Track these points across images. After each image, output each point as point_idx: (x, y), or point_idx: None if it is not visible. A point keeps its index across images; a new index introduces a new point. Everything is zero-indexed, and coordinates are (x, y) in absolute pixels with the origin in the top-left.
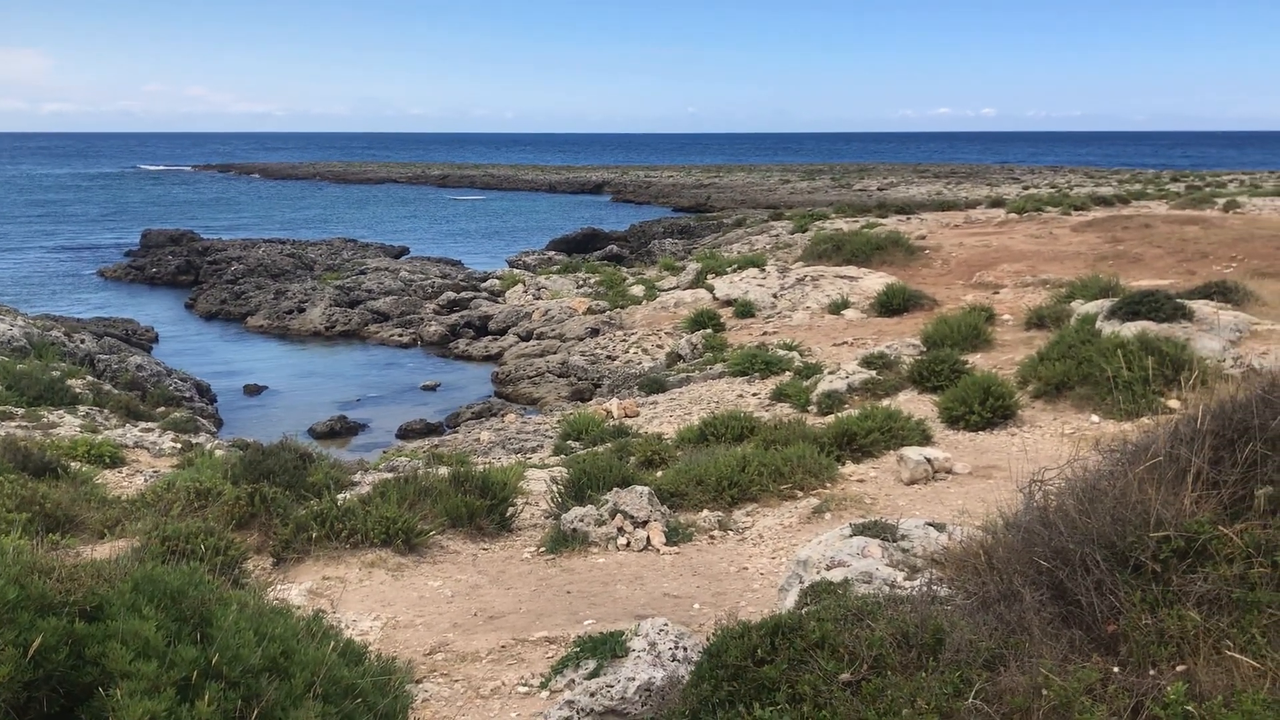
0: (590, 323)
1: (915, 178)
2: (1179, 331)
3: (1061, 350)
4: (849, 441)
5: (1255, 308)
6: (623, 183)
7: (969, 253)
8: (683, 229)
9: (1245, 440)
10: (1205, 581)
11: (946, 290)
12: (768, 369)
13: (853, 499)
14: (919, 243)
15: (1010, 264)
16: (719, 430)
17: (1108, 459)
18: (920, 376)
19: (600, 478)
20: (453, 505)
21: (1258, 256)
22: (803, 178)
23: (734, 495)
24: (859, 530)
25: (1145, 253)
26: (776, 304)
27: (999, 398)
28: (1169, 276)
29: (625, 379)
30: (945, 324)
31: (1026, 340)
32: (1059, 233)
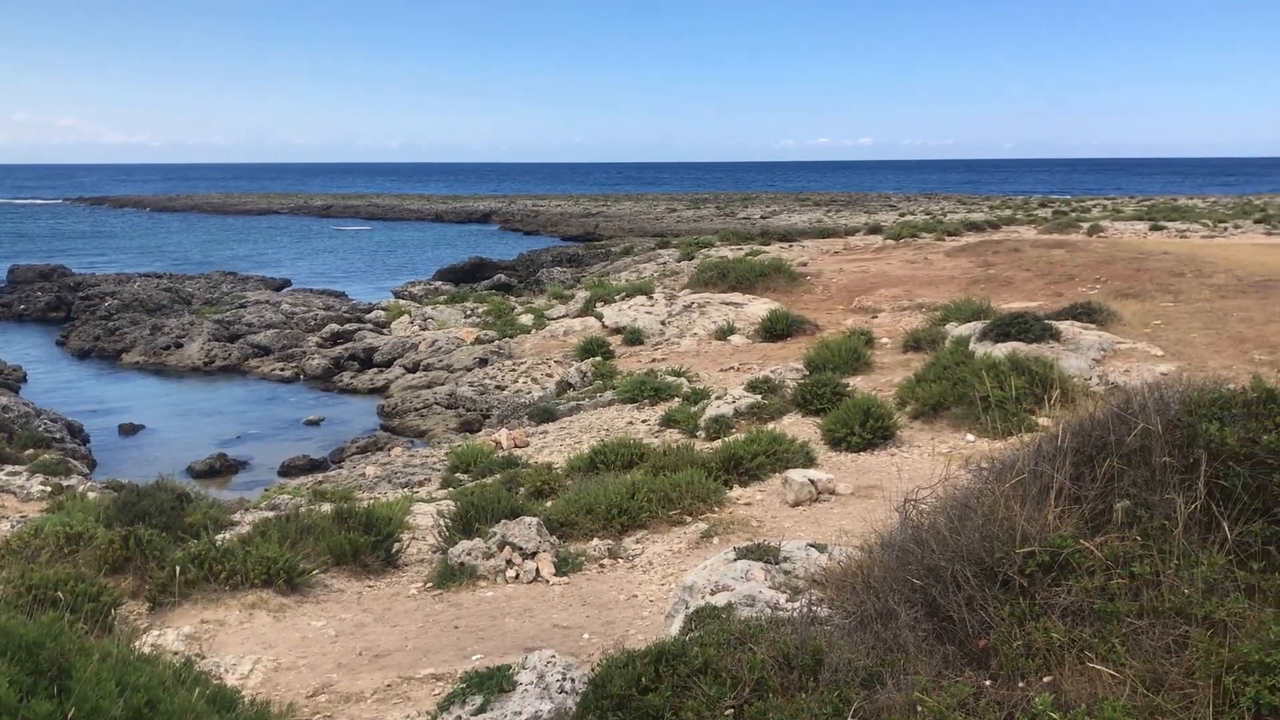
0: (479, 353)
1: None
2: (1047, 351)
3: (937, 371)
4: (736, 465)
5: (1118, 327)
6: (510, 212)
7: (849, 278)
8: (571, 257)
9: (1104, 456)
10: (1069, 594)
11: (828, 315)
12: (657, 395)
13: (740, 522)
14: (801, 269)
15: (888, 289)
16: (609, 458)
17: (977, 477)
18: (804, 400)
19: (488, 510)
20: (336, 543)
21: (1119, 278)
22: (689, 206)
23: (624, 523)
24: (743, 554)
25: (1015, 276)
26: (665, 331)
27: (879, 419)
28: (1038, 298)
29: (515, 409)
30: (827, 348)
31: (904, 362)
32: (934, 258)
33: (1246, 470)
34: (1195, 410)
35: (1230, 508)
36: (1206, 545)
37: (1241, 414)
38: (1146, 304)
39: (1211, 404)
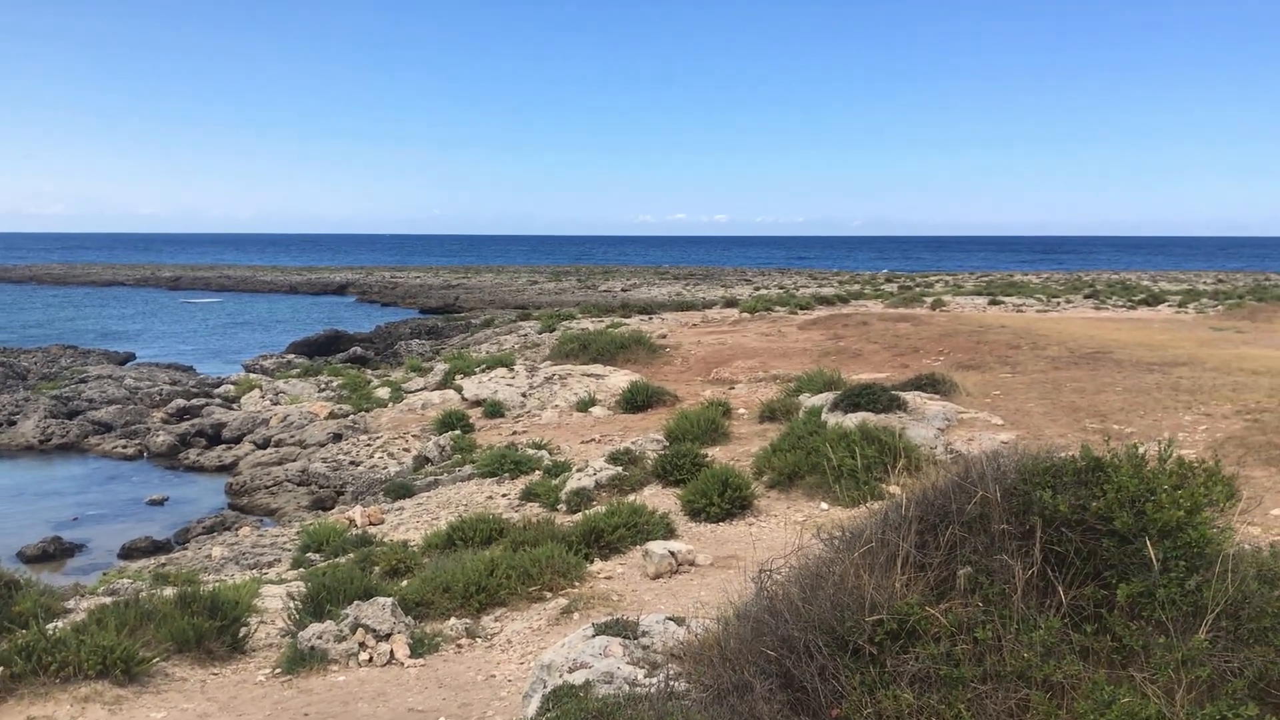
0: (333, 427)
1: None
2: (895, 421)
3: (792, 441)
4: (597, 539)
5: (960, 398)
6: (368, 283)
7: (707, 350)
8: (430, 329)
9: (946, 524)
10: (916, 661)
11: (687, 386)
12: (517, 469)
13: (600, 597)
14: (661, 341)
15: (744, 360)
16: (467, 534)
17: (829, 546)
18: (664, 471)
19: (341, 591)
20: (179, 629)
21: (961, 350)
22: (550, 278)
23: (482, 600)
24: (601, 629)
25: (864, 348)
26: (526, 403)
27: (737, 489)
28: (885, 370)
29: (370, 485)
30: (686, 419)
31: (761, 432)
32: (787, 330)
33: (1078, 536)
34: (1030, 479)
35: (1064, 572)
36: (1044, 609)
37: (1073, 482)
38: (987, 375)
39: (1045, 472)
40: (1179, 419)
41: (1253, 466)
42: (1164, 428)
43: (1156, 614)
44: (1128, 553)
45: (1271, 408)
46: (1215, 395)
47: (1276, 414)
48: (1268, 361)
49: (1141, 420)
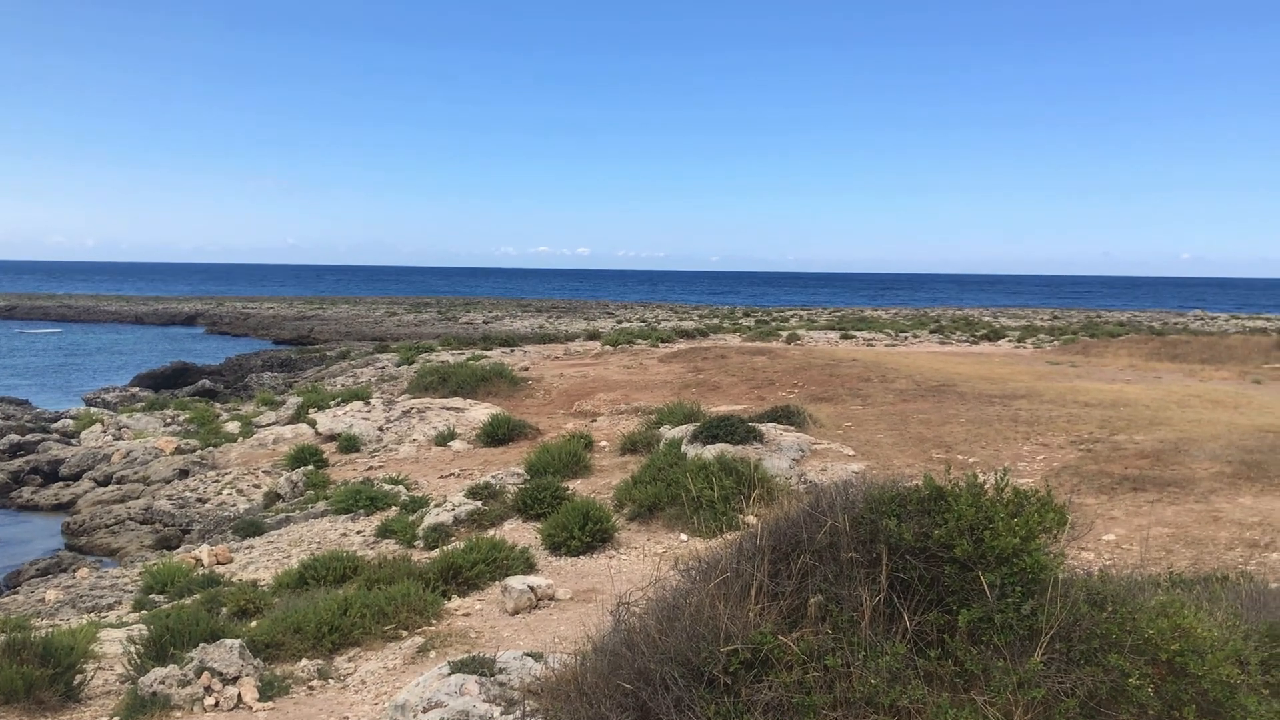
0: (179, 463)
1: (519, 311)
2: (752, 452)
3: (653, 473)
4: (455, 575)
5: (814, 429)
6: (218, 314)
7: (569, 383)
8: (284, 362)
9: (798, 553)
10: (770, 690)
11: (549, 419)
12: (373, 505)
13: (458, 635)
14: (522, 374)
15: (606, 393)
16: (320, 572)
17: (686, 577)
18: (524, 505)
19: (186, 633)
20: (6, 678)
21: (814, 383)
22: (409, 310)
23: (335, 641)
24: (458, 668)
25: (723, 381)
26: (383, 437)
27: (597, 522)
28: (743, 402)
29: (218, 523)
30: (547, 452)
31: (622, 465)
32: (648, 363)
33: (922, 563)
34: (877, 508)
35: (909, 599)
36: (890, 635)
37: (917, 511)
38: (839, 407)
39: (891, 502)
40: (1018, 449)
41: (1086, 494)
42: (1005, 457)
43: (995, 638)
44: (968, 579)
45: (1102, 438)
46: (1051, 426)
47: (1107, 444)
48: (1099, 394)
49: (984, 450)
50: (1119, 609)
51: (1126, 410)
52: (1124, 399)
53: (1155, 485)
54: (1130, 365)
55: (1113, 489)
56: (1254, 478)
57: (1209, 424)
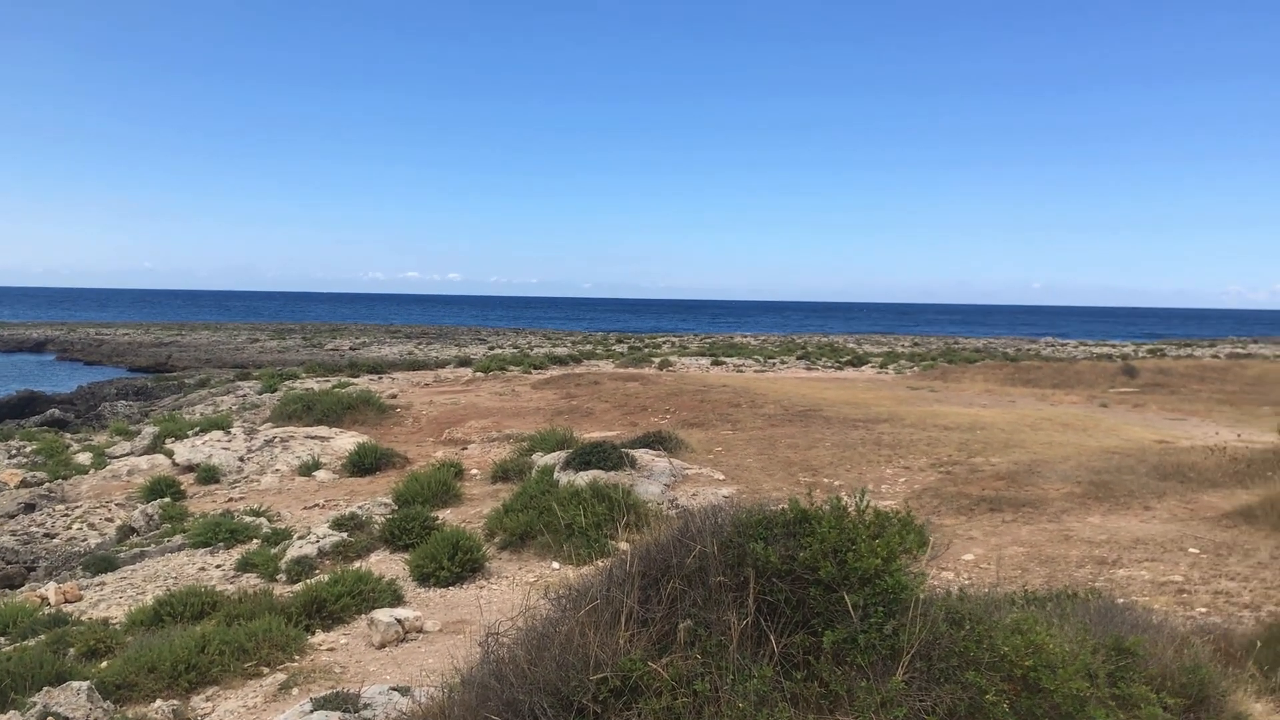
0: (24, 497)
1: (387, 338)
2: (625, 478)
3: (524, 501)
4: (319, 609)
5: (686, 454)
6: (69, 340)
7: (439, 410)
8: (139, 390)
9: (668, 578)
10: (639, 717)
11: (418, 447)
12: (233, 538)
13: (322, 670)
14: (391, 401)
15: (478, 420)
16: (176, 609)
17: (556, 606)
18: (392, 536)
19: (29, 676)
20: None
21: (686, 409)
22: (273, 336)
23: (192, 680)
24: (320, 704)
25: (595, 407)
26: (244, 468)
27: (468, 551)
28: (615, 428)
29: (67, 559)
30: (416, 481)
31: (493, 493)
32: (521, 390)
33: (788, 586)
34: (744, 531)
35: (776, 621)
36: (758, 658)
37: (783, 534)
38: (710, 432)
39: (758, 525)
40: (882, 471)
41: (946, 515)
42: (869, 480)
43: (859, 659)
44: (833, 600)
45: (961, 460)
46: (913, 449)
47: (965, 466)
48: (957, 418)
49: (849, 473)
50: (976, 627)
51: (983, 433)
52: (981, 423)
53: (1011, 506)
54: (986, 390)
55: (971, 510)
56: (1102, 497)
57: (1060, 446)
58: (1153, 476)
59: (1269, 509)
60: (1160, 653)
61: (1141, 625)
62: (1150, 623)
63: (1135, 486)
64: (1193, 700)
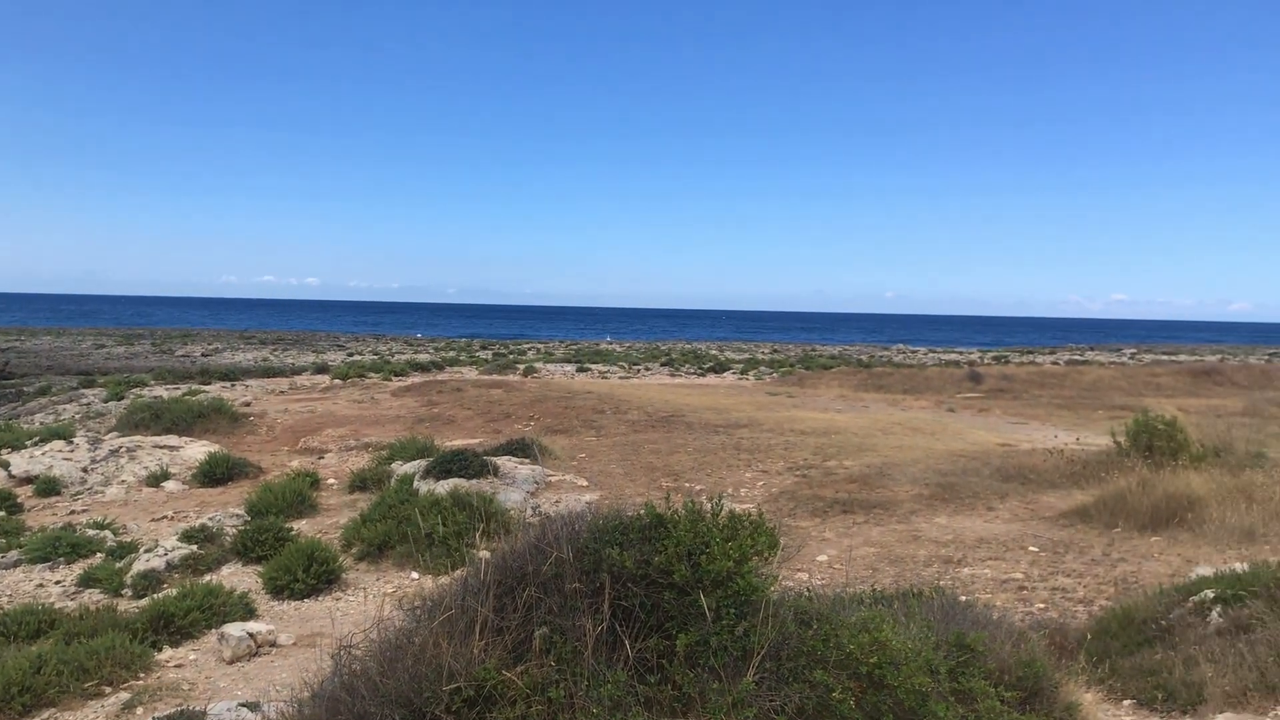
0: None
1: (241, 344)
2: (487, 486)
3: (383, 511)
4: (167, 624)
5: (549, 461)
6: None
7: (295, 418)
8: None
9: (523, 586)
10: None
11: (273, 457)
12: (74, 552)
13: (169, 688)
14: (244, 409)
15: (335, 429)
16: (10, 628)
17: (410, 616)
18: (245, 547)
19: None
20: None
21: (550, 415)
22: (119, 342)
23: (27, 702)
24: None
25: (458, 414)
26: (87, 479)
27: (324, 563)
28: (478, 435)
29: None
30: (270, 491)
31: (351, 503)
32: (380, 397)
33: (643, 590)
34: (601, 537)
35: (631, 626)
36: (613, 664)
37: (639, 538)
38: (574, 439)
39: (614, 530)
40: (741, 475)
41: (801, 517)
42: (728, 484)
43: (712, 661)
44: (686, 604)
45: (816, 464)
46: (770, 454)
47: (820, 470)
48: (813, 423)
49: (709, 478)
50: (824, 627)
51: (838, 437)
52: (835, 427)
53: (863, 507)
54: (841, 395)
55: (825, 512)
56: (948, 499)
57: (910, 449)
58: (996, 478)
59: (1102, 508)
60: (999, 648)
61: (982, 622)
62: (990, 619)
63: (980, 488)
64: (1028, 693)
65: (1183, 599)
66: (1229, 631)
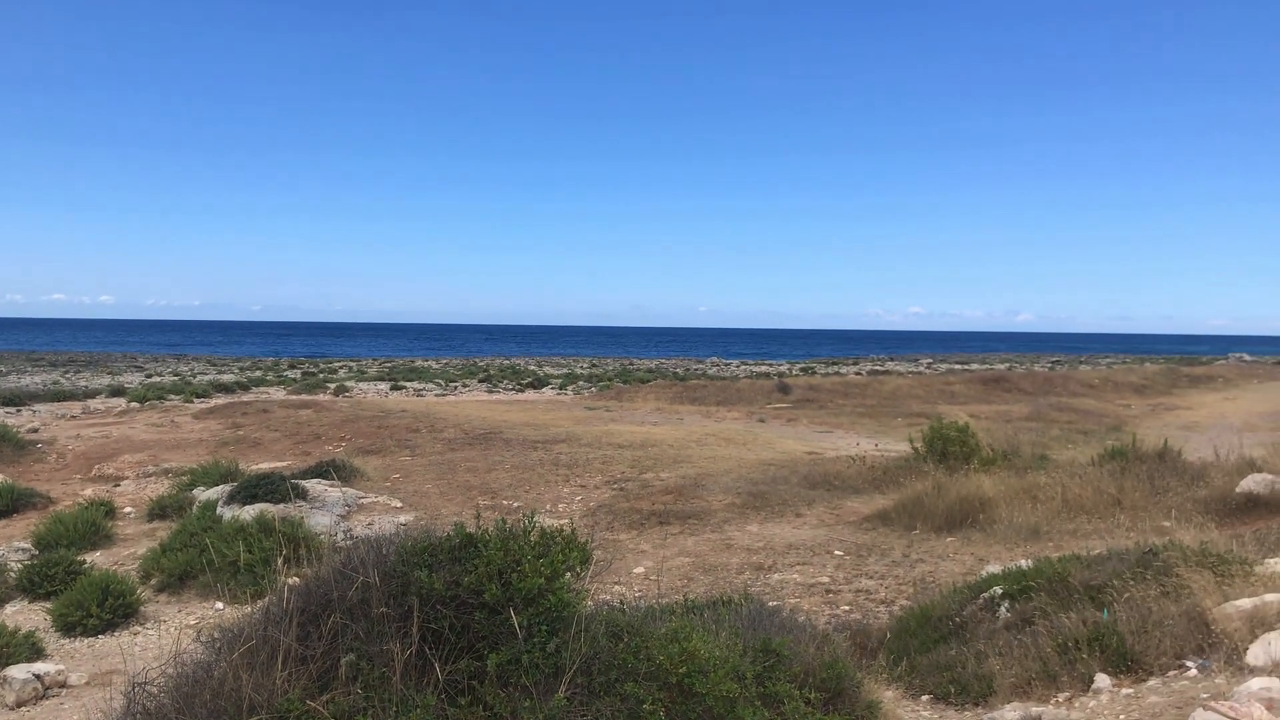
0: None
1: (29, 366)
2: (295, 511)
3: (184, 539)
4: None
5: (362, 483)
6: None
7: (88, 444)
8: None
9: (329, 613)
10: None
11: (64, 486)
12: None
13: None
14: (31, 436)
15: (132, 454)
16: None
17: (209, 649)
18: (31, 583)
19: None
20: None
21: (363, 435)
22: None
23: None
24: None
25: (264, 437)
26: None
27: (120, 596)
28: (286, 458)
29: None
30: (60, 522)
31: (150, 532)
32: (181, 420)
33: (453, 612)
34: (409, 560)
35: (441, 649)
36: (423, 688)
37: (448, 559)
38: (388, 459)
39: (423, 552)
40: (559, 491)
41: (619, 530)
42: (546, 500)
43: (523, 679)
44: (497, 623)
45: (633, 477)
46: (589, 468)
47: (637, 483)
48: (630, 436)
49: (527, 494)
50: (634, 639)
51: (654, 450)
52: (652, 440)
53: (679, 518)
54: (658, 408)
55: (642, 524)
56: (759, 507)
57: (723, 460)
58: (804, 486)
59: (902, 511)
60: (804, 651)
61: (789, 626)
62: (797, 623)
63: (789, 495)
64: (832, 693)
65: (974, 596)
66: (1016, 625)
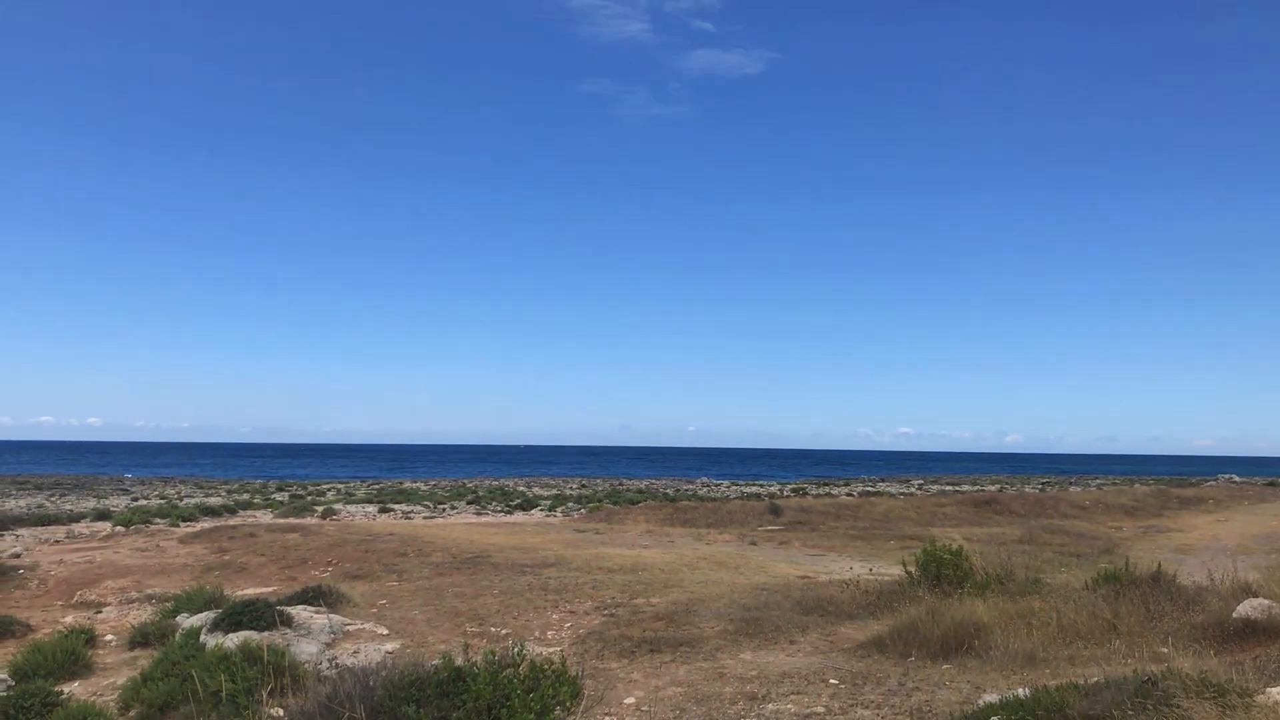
0: None
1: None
2: (280, 638)
3: (166, 668)
4: None
5: (348, 609)
6: None
7: (71, 570)
8: None
9: None
10: None
11: (44, 613)
12: None
13: None
14: (13, 561)
15: (115, 580)
16: None
17: None
18: (7, 716)
19: None
20: None
21: (350, 560)
22: None
23: None
24: None
25: (250, 561)
26: None
27: None
28: (272, 583)
29: None
30: (39, 651)
31: (131, 660)
32: (166, 545)
33: None
34: (396, 694)
35: None
36: None
37: (436, 693)
38: (374, 584)
39: (410, 686)
40: (548, 617)
41: (609, 658)
42: (535, 626)
43: None
44: None
45: (624, 602)
46: (578, 593)
47: (627, 608)
48: (620, 559)
49: (516, 620)
50: None
51: (645, 574)
52: (643, 563)
53: (670, 646)
54: (648, 530)
55: (633, 652)
56: (752, 633)
57: (715, 584)
58: (797, 611)
59: (896, 638)
60: None
61: None
62: None
63: (782, 621)
64: None
65: None
66: None
